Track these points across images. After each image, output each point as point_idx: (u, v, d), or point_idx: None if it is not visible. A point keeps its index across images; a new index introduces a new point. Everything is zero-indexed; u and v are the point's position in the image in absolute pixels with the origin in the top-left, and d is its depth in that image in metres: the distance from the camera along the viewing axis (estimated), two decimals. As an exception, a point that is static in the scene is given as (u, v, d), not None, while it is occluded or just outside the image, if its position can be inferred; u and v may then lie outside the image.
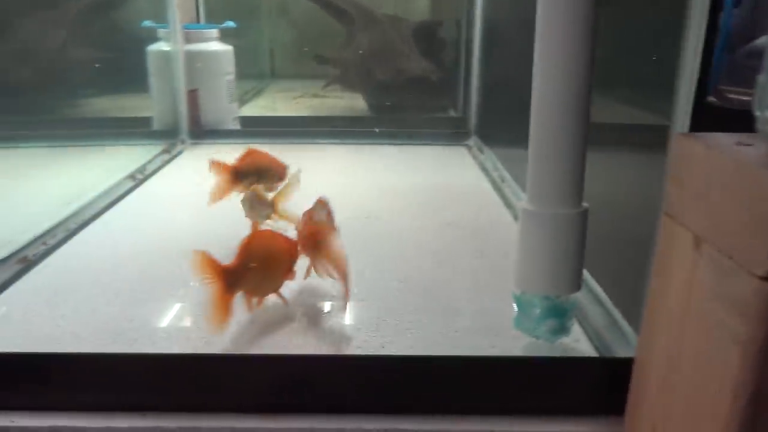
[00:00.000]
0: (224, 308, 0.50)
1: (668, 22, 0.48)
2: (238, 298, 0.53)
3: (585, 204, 0.47)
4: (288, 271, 0.56)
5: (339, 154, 1.18)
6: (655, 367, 0.40)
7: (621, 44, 0.58)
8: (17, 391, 0.45)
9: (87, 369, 0.46)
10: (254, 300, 0.56)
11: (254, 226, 0.67)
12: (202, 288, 0.50)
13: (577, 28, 0.44)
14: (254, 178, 0.69)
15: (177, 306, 0.59)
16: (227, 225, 0.80)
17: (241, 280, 0.52)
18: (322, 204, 0.58)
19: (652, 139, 0.53)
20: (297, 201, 0.65)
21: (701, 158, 0.35)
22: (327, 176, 0.98)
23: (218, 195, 0.68)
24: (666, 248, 0.39)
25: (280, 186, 0.69)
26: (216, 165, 0.69)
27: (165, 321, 0.56)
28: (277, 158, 0.71)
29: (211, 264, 0.50)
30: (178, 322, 0.55)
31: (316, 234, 0.55)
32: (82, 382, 0.46)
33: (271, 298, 0.57)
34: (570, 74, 0.45)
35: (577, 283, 0.49)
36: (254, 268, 0.52)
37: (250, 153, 0.70)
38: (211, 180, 0.69)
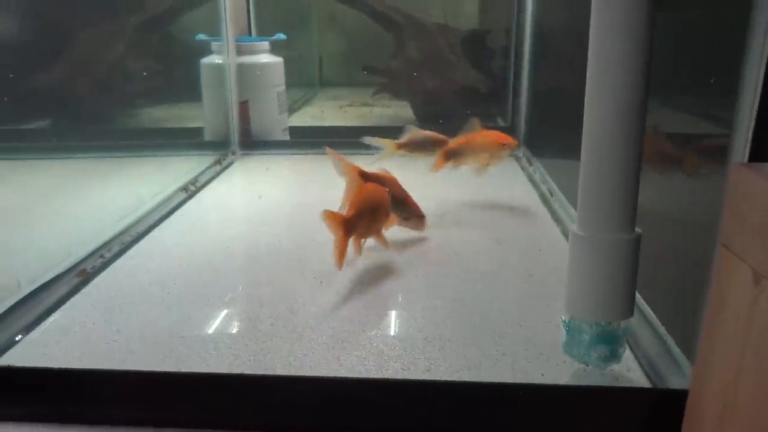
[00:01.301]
0: (343, 250, 0.64)
1: (728, 42, 0.47)
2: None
3: (638, 229, 0.46)
4: (387, 218, 0.71)
5: (386, 165, 1.18)
6: (710, 402, 0.39)
7: (676, 69, 0.56)
8: (77, 404, 0.47)
9: (140, 386, 0.47)
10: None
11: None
12: (251, 302, 0.51)
13: (632, 46, 0.43)
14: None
15: (228, 323, 0.60)
16: (280, 237, 0.81)
17: (354, 228, 0.65)
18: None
19: (709, 159, 0.52)
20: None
21: (762, 191, 0.34)
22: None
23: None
24: (723, 280, 0.38)
25: None
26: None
27: (215, 338, 0.57)
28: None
29: (334, 217, 0.64)
30: (228, 340, 0.56)
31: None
32: (135, 398, 0.47)
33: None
34: (624, 95, 0.44)
35: (630, 310, 0.48)
36: (364, 217, 0.66)
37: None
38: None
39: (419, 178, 0.85)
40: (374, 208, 0.68)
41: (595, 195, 0.46)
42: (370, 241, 0.70)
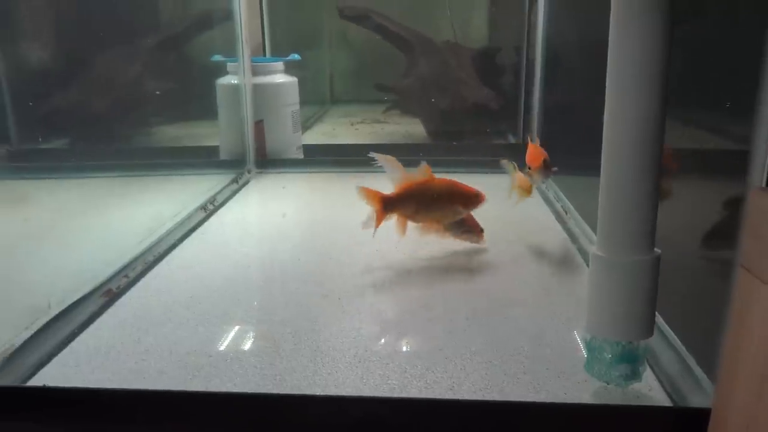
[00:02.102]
0: (378, 221, 0.74)
1: (744, 61, 0.48)
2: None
3: (657, 250, 0.47)
4: (442, 207, 0.77)
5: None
6: (733, 420, 0.40)
7: (692, 86, 0.58)
8: (108, 424, 0.48)
9: (173, 405, 0.48)
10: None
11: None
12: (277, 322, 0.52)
13: (650, 69, 0.44)
14: None
15: (252, 342, 0.61)
16: (299, 255, 0.83)
17: (395, 207, 0.74)
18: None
19: (726, 178, 0.53)
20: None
21: (782, 216, 0.35)
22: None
23: None
24: (743, 302, 0.39)
25: None
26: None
27: (241, 357, 0.58)
28: None
29: (371, 193, 0.74)
30: (253, 359, 0.58)
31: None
32: (168, 418, 0.48)
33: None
34: (642, 119, 0.45)
35: (650, 329, 0.49)
36: (408, 199, 0.74)
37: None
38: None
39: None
40: (420, 193, 0.75)
41: (615, 217, 0.47)
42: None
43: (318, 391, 0.53)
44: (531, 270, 0.77)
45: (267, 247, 0.88)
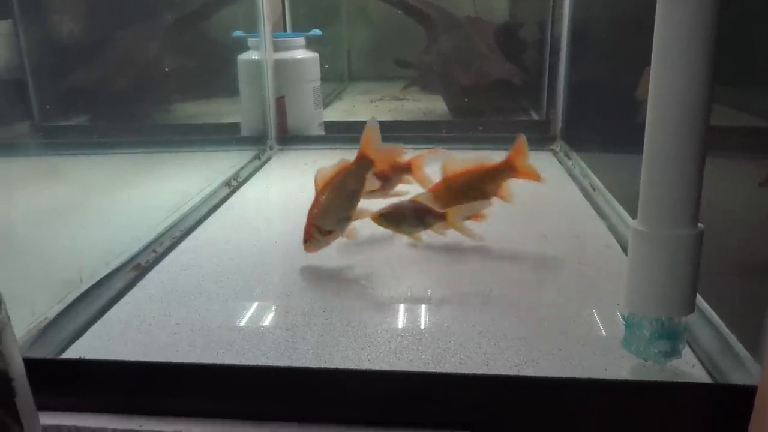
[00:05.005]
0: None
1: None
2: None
3: (701, 225, 0.46)
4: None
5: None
6: (781, 398, 0.39)
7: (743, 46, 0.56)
8: (145, 396, 0.48)
9: (208, 378, 0.48)
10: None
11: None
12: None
13: (699, 33, 0.43)
14: None
15: (283, 317, 0.61)
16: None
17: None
18: None
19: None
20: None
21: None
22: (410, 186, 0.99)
23: None
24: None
25: None
26: None
27: (273, 332, 0.58)
28: None
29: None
30: (285, 333, 0.57)
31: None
32: (202, 391, 0.48)
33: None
34: (689, 88, 0.43)
35: (691, 305, 0.48)
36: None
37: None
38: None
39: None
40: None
41: (658, 190, 0.46)
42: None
43: (351, 366, 0.52)
44: (560, 247, 0.76)
45: (293, 222, 0.87)
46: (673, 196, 0.45)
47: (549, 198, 0.95)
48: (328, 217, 0.69)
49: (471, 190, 0.75)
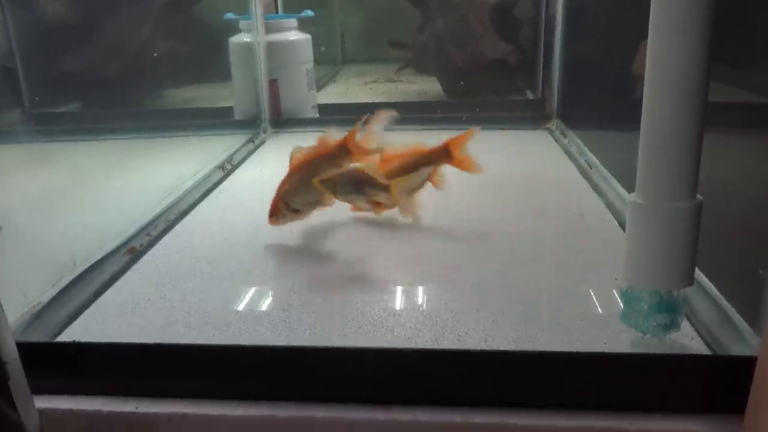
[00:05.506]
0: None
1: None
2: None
3: (699, 196, 0.46)
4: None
5: (417, 140, 1.18)
6: (781, 368, 0.39)
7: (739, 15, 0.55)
8: (141, 378, 0.48)
9: (205, 359, 0.48)
10: None
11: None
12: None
13: (696, 7, 0.42)
14: None
15: (279, 297, 0.60)
16: (318, 213, 0.81)
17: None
18: None
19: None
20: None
21: None
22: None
23: None
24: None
25: None
26: None
27: (269, 312, 0.57)
28: None
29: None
30: (281, 314, 0.57)
31: None
32: (199, 372, 0.48)
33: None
34: (687, 60, 0.43)
35: (690, 277, 0.47)
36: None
37: None
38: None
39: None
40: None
41: (656, 162, 0.45)
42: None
43: (349, 344, 0.52)
44: (558, 223, 0.76)
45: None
46: (671, 168, 0.45)
47: (545, 176, 0.95)
48: (298, 196, 0.69)
49: (407, 173, 0.74)
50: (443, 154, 0.75)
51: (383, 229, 0.76)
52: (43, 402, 0.46)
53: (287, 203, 0.69)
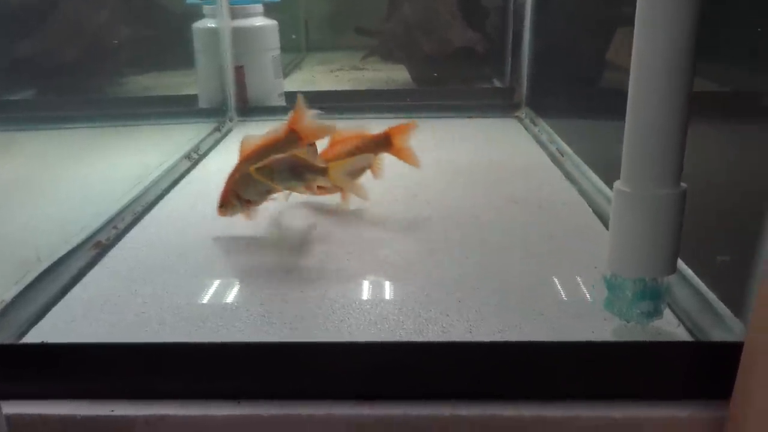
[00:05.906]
0: None
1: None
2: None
3: (683, 184, 0.46)
4: None
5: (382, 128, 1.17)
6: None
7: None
8: (115, 379, 0.46)
9: (182, 357, 0.46)
10: None
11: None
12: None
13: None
14: None
15: (256, 291, 0.59)
16: (292, 203, 0.80)
17: None
18: None
19: (753, 112, 0.51)
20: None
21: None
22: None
23: None
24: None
25: None
26: None
27: (247, 306, 0.56)
28: None
29: None
30: (259, 308, 0.55)
31: None
32: (177, 371, 0.46)
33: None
34: (673, 48, 0.43)
35: (673, 265, 0.47)
36: None
37: None
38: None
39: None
40: None
41: (641, 150, 0.45)
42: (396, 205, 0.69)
43: (330, 338, 0.51)
44: (531, 213, 0.76)
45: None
46: (656, 156, 0.45)
47: (516, 164, 0.95)
48: (249, 186, 0.67)
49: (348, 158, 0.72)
50: (383, 142, 0.74)
51: (355, 222, 0.74)
52: (10, 407, 0.44)
53: (237, 194, 0.67)
